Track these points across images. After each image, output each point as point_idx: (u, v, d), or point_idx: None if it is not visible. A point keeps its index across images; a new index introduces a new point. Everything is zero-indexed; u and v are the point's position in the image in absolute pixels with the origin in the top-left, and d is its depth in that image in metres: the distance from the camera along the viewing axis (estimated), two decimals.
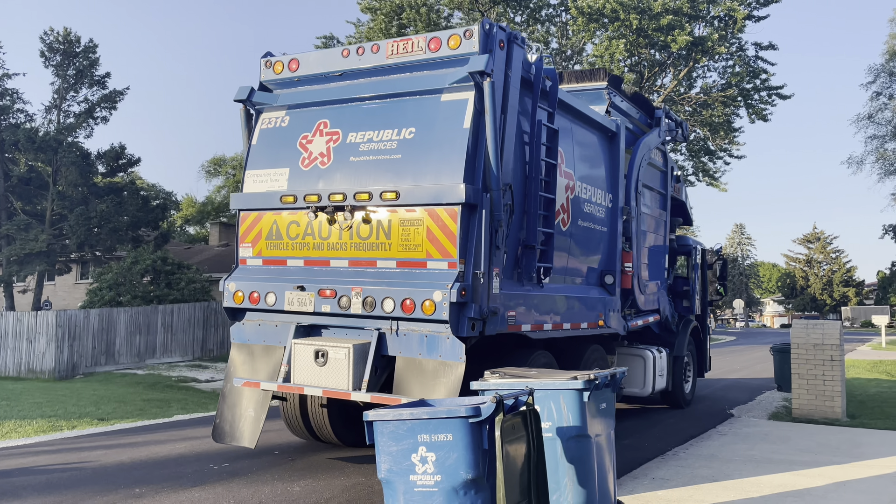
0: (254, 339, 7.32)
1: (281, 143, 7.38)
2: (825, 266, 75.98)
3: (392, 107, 6.84)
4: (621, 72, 28.36)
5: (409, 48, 6.76)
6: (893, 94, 38.22)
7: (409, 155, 6.55)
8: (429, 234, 6.31)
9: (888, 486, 6.43)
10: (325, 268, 6.90)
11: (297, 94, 7.45)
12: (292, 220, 7.08)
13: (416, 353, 6.37)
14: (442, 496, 3.74)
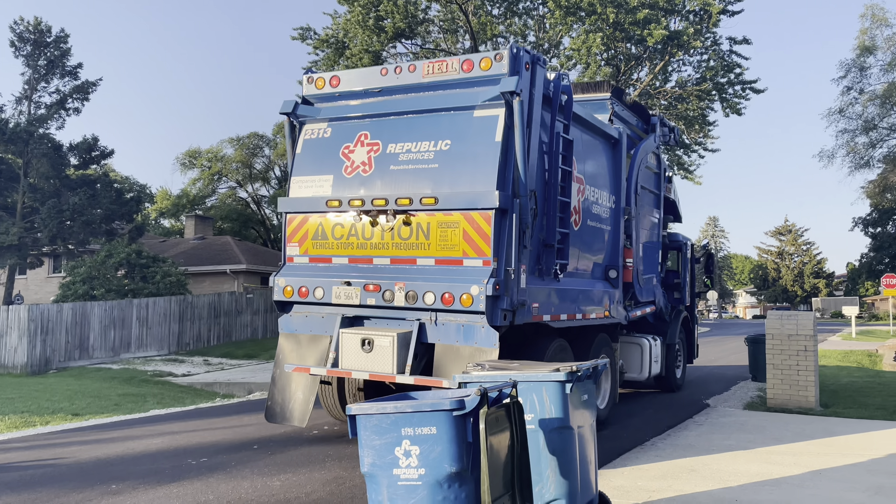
0: (301, 329, 8.05)
1: (324, 153, 8.07)
2: (796, 258, 77.12)
3: (428, 121, 7.56)
4: (598, 65, 28.49)
5: (444, 69, 7.54)
6: (864, 89, 38.83)
7: (445, 165, 7.31)
8: (465, 235, 7.06)
9: (863, 475, 6.55)
10: (368, 265, 7.62)
11: (339, 108, 8.12)
12: (337, 222, 7.81)
13: (453, 341, 7.12)
14: (426, 490, 3.73)
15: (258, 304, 29.06)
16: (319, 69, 32.75)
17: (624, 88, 10.33)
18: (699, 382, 14.00)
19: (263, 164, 58.74)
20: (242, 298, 28.50)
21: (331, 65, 32.26)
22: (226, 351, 24.40)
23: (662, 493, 6.05)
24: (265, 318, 29.27)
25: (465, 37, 33.01)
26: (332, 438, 8.64)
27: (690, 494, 6.01)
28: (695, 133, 32.69)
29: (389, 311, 7.48)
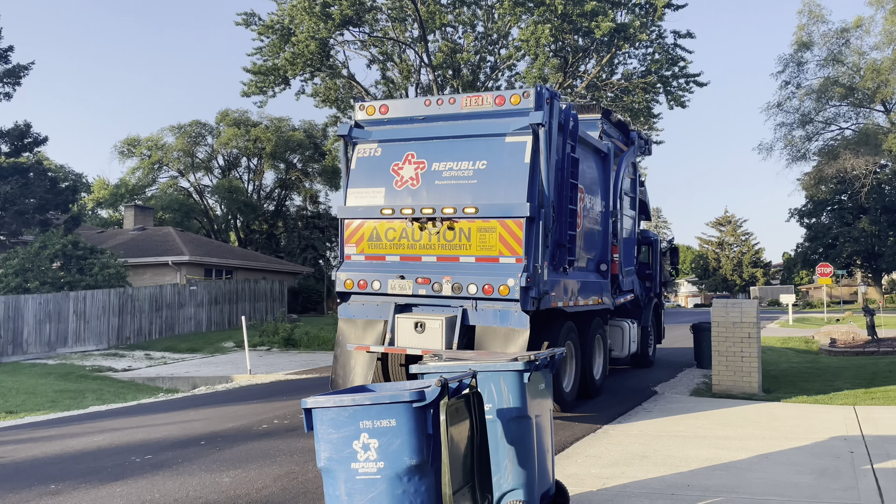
0: (358, 315, 9.49)
1: (376, 169, 9.49)
2: (736, 248, 79.35)
3: (467, 144, 9.07)
4: (546, 56, 28.63)
5: (480, 102, 9.14)
6: (801, 84, 40.07)
7: (483, 181, 8.83)
8: (501, 238, 8.60)
9: (807, 458, 6.72)
10: (417, 262, 9.08)
11: (387, 132, 9.58)
12: (389, 226, 9.21)
13: (491, 323, 8.71)
14: (385, 483, 3.64)
15: (202, 296, 28.39)
16: (265, 55, 32.07)
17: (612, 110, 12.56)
18: (646, 370, 14.23)
19: (206, 152, 57.36)
20: (186, 290, 27.80)
21: (276, 52, 31.63)
22: (168, 345, 23.78)
23: (616, 480, 6.09)
24: (209, 310, 28.62)
25: (414, 25, 32.76)
26: (282, 433, 8.46)
27: (643, 481, 6.07)
28: (640, 125, 33.21)
29: (436, 300, 8.98)
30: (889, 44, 36.63)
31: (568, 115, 9.28)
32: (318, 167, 56.62)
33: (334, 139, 48.91)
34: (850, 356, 16.59)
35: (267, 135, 53.05)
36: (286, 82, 32.89)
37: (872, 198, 55.01)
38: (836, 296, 63.74)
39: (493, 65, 34.37)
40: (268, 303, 31.94)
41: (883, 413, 8.97)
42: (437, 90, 33.40)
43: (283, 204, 60.86)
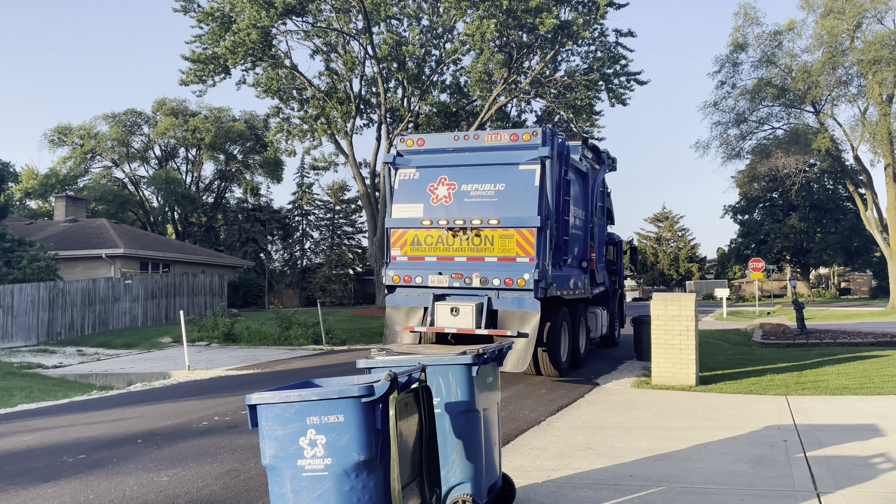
0: (402, 304, 11.93)
1: (415, 189, 11.88)
2: (672, 243, 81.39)
3: (489, 170, 11.54)
4: (491, 52, 28.73)
5: (499, 138, 11.71)
6: (736, 84, 41.20)
7: (502, 199, 11.31)
8: (517, 243, 11.13)
9: (744, 447, 6.92)
10: (451, 262, 11.53)
11: (423, 160, 12.02)
12: (428, 234, 11.68)
13: (510, 308, 11.23)
14: (332, 480, 3.57)
15: (138, 290, 27.56)
16: (204, 43, 31.26)
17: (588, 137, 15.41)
18: (588, 362, 14.45)
19: (142, 142, 55.70)
20: (120, 284, 26.94)
21: (216, 40, 30.88)
22: (102, 340, 23.01)
23: (561, 472, 6.15)
24: (146, 305, 27.80)
25: (358, 17, 32.43)
26: (223, 430, 8.26)
27: (587, 472, 6.15)
28: (582, 122, 33.67)
29: (467, 291, 11.43)
30: (819, 47, 38.05)
31: (563, 147, 11.82)
32: (260, 159, 55.62)
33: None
34: (782, 348, 17.21)
35: (206, 125, 51.78)
36: (226, 71, 32.16)
37: (802, 196, 57.23)
38: (767, 290, 66.11)
39: (439, 59, 34.33)
40: (207, 297, 31.22)
41: (813, 402, 9.32)
42: (382, 82, 33.17)
43: (222, 196, 59.58)
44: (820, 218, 60.21)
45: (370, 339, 23.23)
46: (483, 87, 31.64)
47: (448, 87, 35.58)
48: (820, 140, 37.87)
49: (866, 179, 41.45)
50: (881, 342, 17.14)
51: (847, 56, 37.76)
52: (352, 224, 63.13)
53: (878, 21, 38.06)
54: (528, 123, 37.19)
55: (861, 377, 11.40)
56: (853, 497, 5.24)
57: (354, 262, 62.00)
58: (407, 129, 35.48)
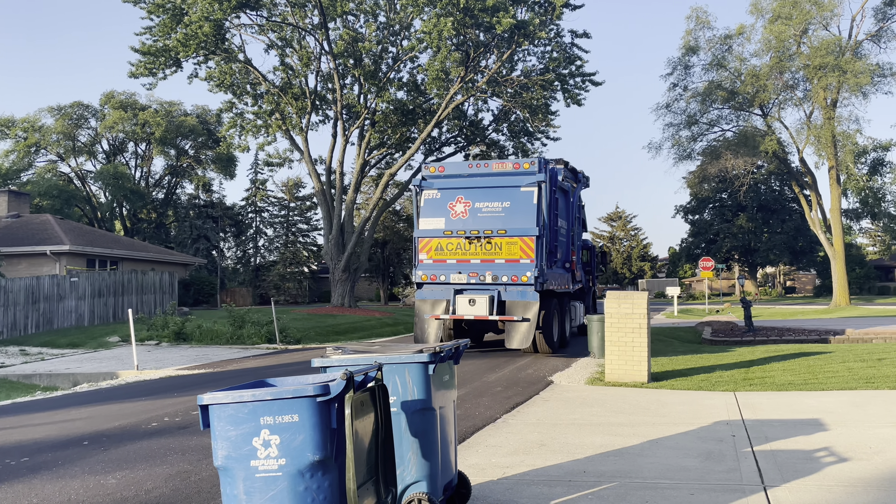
0: (429, 297, 15.20)
1: (437, 206, 15.21)
2: (625, 242, 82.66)
3: (496, 191, 14.85)
4: (448, 50, 28.73)
5: (505, 166, 15.06)
6: (688, 87, 42.04)
7: (508, 214, 14.66)
8: (521, 248, 14.41)
9: (694, 442, 7.06)
10: (468, 263, 14.77)
11: (444, 182, 15.38)
12: (448, 241, 14.92)
13: (515, 298, 14.53)
14: (286, 480, 3.52)
15: (84, 288, 26.81)
16: (154, 35, 30.57)
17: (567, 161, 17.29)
18: (543, 359, 14.58)
19: (89, 136, 54.24)
20: (66, 282, 26.16)
21: (167, 32, 30.21)
22: (46, 340, 22.33)
23: (516, 469, 6.19)
24: (93, 303, 27.07)
25: (314, 12, 32.10)
26: (173, 431, 8.09)
27: (542, 468, 6.20)
28: (538, 122, 33.92)
29: (481, 286, 14.74)
30: (767, 51, 39.07)
31: (553, 172, 15.38)
32: (212, 154, 54.62)
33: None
34: (730, 345, 17.63)
35: (156, 119, 50.64)
36: (178, 65, 31.47)
37: (750, 196, 58.72)
38: (716, 288, 67.67)
39: (396, 56, 34.21)
40: (157, 295, 30.54)
41: (760, 398, 9.57)
42: (339, 79, 32.91)
43: (173, 192, 58.36)
44: (767, 218, 61.89)
45: (325, 337, 23.03)
46: (440, 86, 31.62)
47: (405, 84, 35.48)
48: (767, 142, 38.91)
49: (811, 181, 42.74)
50: (824, 339, 17.69)
51: (794, 61, 38.88)
52: (307, 221, 62.50)
53: (823, 27, 39.28)
54: (484, 122, 37.37)
55: (805, 373, 11.75)
56: (798, 490, 5.39)
57: (309, 259, 61.41)
58: (363, 125, 35.27)
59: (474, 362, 14.18)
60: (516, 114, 34.76)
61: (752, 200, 60.33)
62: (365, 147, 35.86)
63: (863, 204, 53.28)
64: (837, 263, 40.36)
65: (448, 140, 38.39)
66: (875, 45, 40.14)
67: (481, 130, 37.15)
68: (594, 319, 14.58)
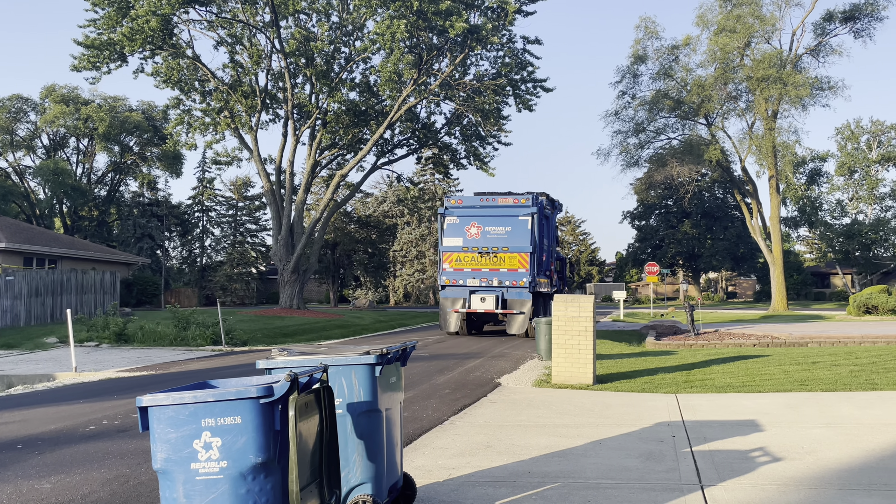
0: (450, 295, 21.05)
1: (456, 229, 20.91)
2: (574, 247, 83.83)
3: (501, 219, 20.57)
4: (401, 52, 28.73)
5: (507, 201, 20.79)
6: (636, 95, 42.90)
7: (510, 236, 20.52)
8: (519, 261, 20.31)
9: (636, 443, 7.21)
10: (479, 271, 20.61)
11: (461, 211, 21.04)
12: (465, 255, 20.60)
13: (514, 297, 20.47)
14: (228, 483, 3.47)
15: (21, 287, 25.89)
16: (99, 28, 29.78)
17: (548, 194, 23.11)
18: (490, 361, 14.69)
19: (28, 130, 52.48)
20: (1, 280, 25.22)
21: (112, 25, 29.46)
22: None
23: (462, 471, 6.22)
24: (29, 303, 26.16)
25: (266, 9, 31.71)
26: (112, 434, 7.88)
27: (487, 469, 6.24)
28: (490, 126, 34.15)
29: (490, 288, 20.33)
30: (712, 62, 40.17)
31: (541, 204, 21.14)
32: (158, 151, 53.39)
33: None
34: (674, 348, 18.04)
35: (100, 114, 49.28)
36: (123, 59, 30.71)
37: (694, 203, 60.21)
38: (661, 293, 69.14)
39: (349, 56, 34.03)
40: (98, 295, 29.68)
41: (700, 400, 9.82)
42: (290, 78, 32.56)
43: (116, 189, 56.86)
44: (710, 225, 63.56)
45: (273, 339, 22.73)
46: (393, 87, 31.58)
47: (358, 85, 35.31)
48: (711, 151, 39.98)
49: (752, 189, 44.08)
50: (763, 343, 18.26)
51: (738, 73, 40.07)
52: (255, 221, 61.64)
53: (766, 41, 40.60)
54: (437, 125, 37.46)
55: (744, 376, 12.11)
56: (733, 489, 5.56)
57: (258, 260, 60.54)
58: (315, 125, 34.96)
59: (423, 364, 14.20)
60: (469, 118, 34.94)
61: (696, 207, 61.89)
62: (316, 147, 35.55)
63: (801, 212, 55.24)
64: (776, 270, 41.69)
65: (400, 142, 38.36)
66: (814, 60, 41.70)
67: (434, 133, 37.22)
68: (542, 322, 14.75)
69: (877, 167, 59.15)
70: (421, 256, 66.15)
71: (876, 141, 59.89)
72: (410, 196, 46.44)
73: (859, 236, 53.08)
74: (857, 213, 59.24)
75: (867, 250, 54.13)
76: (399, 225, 64.25)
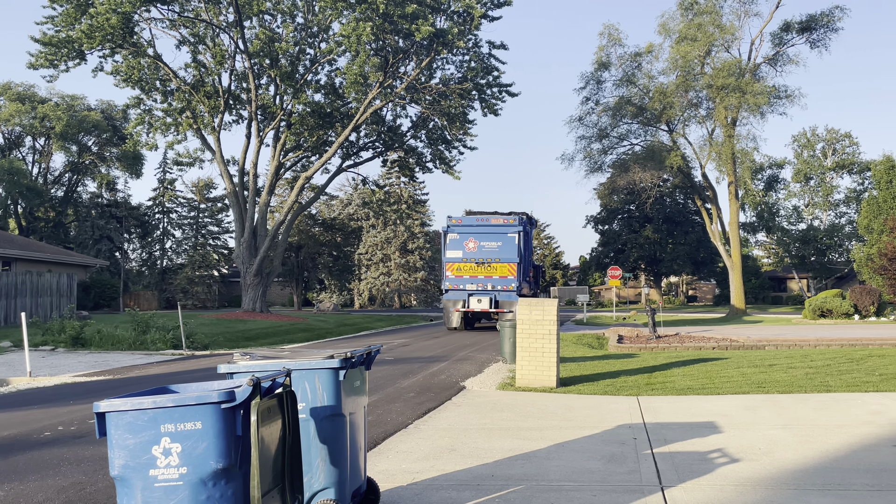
0: (452, 297, 26.71)
1: (457, 243, 26.57)
2: (539, 251, 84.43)
3: (494, 236, 26.32)
4: (367, 55, 28.65)
5: (499, 220, 26.59)
6: (599, 101, 43.41)
7: (500, 249, 26.23)
8: (508, 270, 26.01)
9: (598, 445, 7.29)
10: (476, 278, 26.20)
11: (461, 229, 26.68)
12: (464, 265, 26.27)
13: (505, 299, 26.04)
14: (188, 489, 3.42)
15: None
16: (57, 25, 29.15)
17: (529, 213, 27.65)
18: (456, 364, 14.71)
19: None
20: None
21: (70, 22, 28.85)
22: None
23: (426, 474, 6.22)
24: None
25: (229, 9, 31.36)
26: (68, 440, 7.71)
27: (451, 473, 6.25)
28: (456, 130, 34.23)
29: (485, 291, 26.02)
30: (674, 70, 40.86)
31: (525, 223, 26.58)
32: (118, 152, 52.40)
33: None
34: (636, 351, 18.27)
35: (57, 113, 48.21)
36: (82, 57, 30.08)
37: (656, 209, 61.12)
38: (623, 296, 70.00)
39: (314, 58, 33.82)
40: (54, 298, 28.98)
41: (661, 402, 9.96)
42: (254, 78, 32.24)
43: (74, 190, 55.65)
44: (671, 230, 64.57)
45: (235, 343, 22.45)
46: (358, 90, 31.47)
47: (323, 87, 35.10)
48: (672, 157, 40.64)
49: (712, 195, 44.91)
50: (722, 346, 18.60)
51: (698, 80, 40.81)
52: (218, 223, 60.82)
53: (725, 49, 41.42)
54: (402, 128, 37.42)
55: (703, 378, 12.32)
56: (693, 490, 5.65)
57: (220, 263, 59.73)
58: (279, 127, 34.65)
59: (388, 368, 14.16)
60: (434, 121, 34.98)
61: (658, 213, 62.83)
62: (280, 149, 35.24)
63: (759, 218, 56.46)
64: (735, 274, 42.52)
65: (366, 145, 38.24)
66: (772, 69, 42.68)
67: (399, 136, 37.18)
68: (506, 325, 14.82)
69: (831, 174, 60.77)
70: (386, 259, 65.97)
71: (831, 149, 61.53)
72: (376, 199, 46.30)
73: (815, 242, 54.45)
74: (812, 220, 60.78)
75: (822, 255, 55.55)
76: (364, 228, 64.00)
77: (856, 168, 59.51)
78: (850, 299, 32.53)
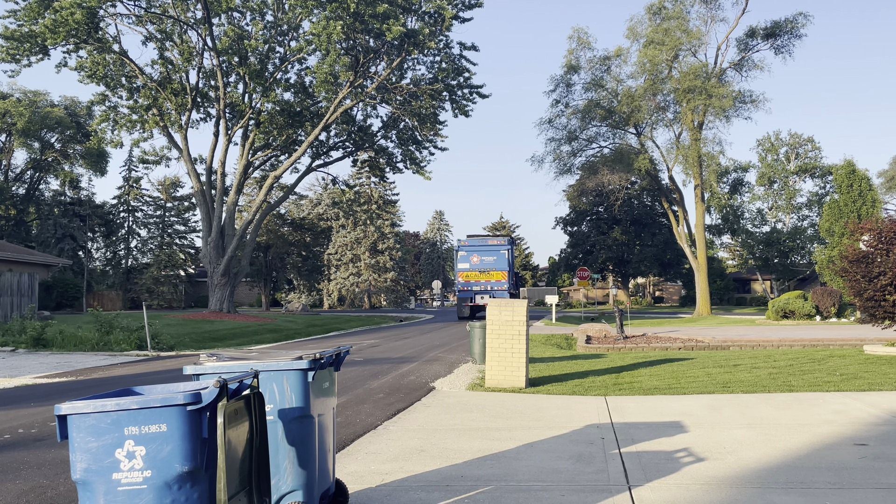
0: (463, 296, 37.61)
1: (465, 258, 37.65)
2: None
3: (490, 252, 37.61)
4: (338, 54, 28.49)
5: (494, 242, 38.17)
6: (569, 103, 43.75)
7: (496, 262, 37.51)
8: (501, 276, 37.20)
9: (567, 445, 7.33)
10: (479, 282, 37.33)
11: (467, 248, 37.79)
12: (471, 273, 37.95)
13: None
14: (152, 493, 3.36)
15: None
16: (20, 19, 28.51)
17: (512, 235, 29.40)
18: (426, 365, 14.70)
19: None
20: None
21: (34, 16, 28.24)
22: None
23: (395, 475, 6.19)
24: None
25: (198, 6, 30.96)
26: (28, 443, 7.53)
27: (421, 474, 6.23)
28: (427, 130, 34.22)
29: (486, 291, 36.60)
30: (642, 74, 41.35)
31: (511, 241, 38.11)
32: (81, 149, 51.42)
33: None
34: (603, 352, 18.43)
35: (19, 109, 47.14)
36: (45, 52, 29.46)
37: (624, 210, 61.76)
38: (592, 297, 70.56)
39: (283, 56, 33.54)
40: (14, 298, 28.32)
41: (628, 402, 10.06)
42: (222, 76, 31.87)
43: (36, 188, 54.45)
44: (639, 232, 65.30)
45: (202, 344, 22.17)
46: (329, 89, 31.28)
47: (293, 86, 34.83)
48: (640, 160, 41.10)
49: (679, 198, 45.52)
50: (687, 346, 18.86)
51: (666, 84, 41.34)
52: (184, 223, 59.99)
53: (692, 54, 42.01)
54: (373, 128, 37.30)
55: (670, 378, 12.47)
56: (659, 488, 5.71)
57: (186, 262, 58.93)
58: (248, 125, 34.30)
59: (357, 369, 14.10)
60: (405, 122, 34.93)
61: (626, 214, 63.50)
62: (249, 148, 34.89)
63: (724, 220, 57.35)
64: (701, 275, 43.15)
65: (336, 144, 38.04)
66: (738, 74, 43.41)
67: (370, 136, 37.05)
68: (476, 326, 14.84)
69: (794, 178, 62.01)
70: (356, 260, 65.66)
71: (794, 153, 62.79)
72: (346, 199, 46.08)
73: (778, 244, 55.49)
74: (776, 222, 61.95)
75: (785, 257, 56.63)
76: (334, 228, 63.62)
77: (818, 172, 60.84)
78: (812, 301, 33.21)
